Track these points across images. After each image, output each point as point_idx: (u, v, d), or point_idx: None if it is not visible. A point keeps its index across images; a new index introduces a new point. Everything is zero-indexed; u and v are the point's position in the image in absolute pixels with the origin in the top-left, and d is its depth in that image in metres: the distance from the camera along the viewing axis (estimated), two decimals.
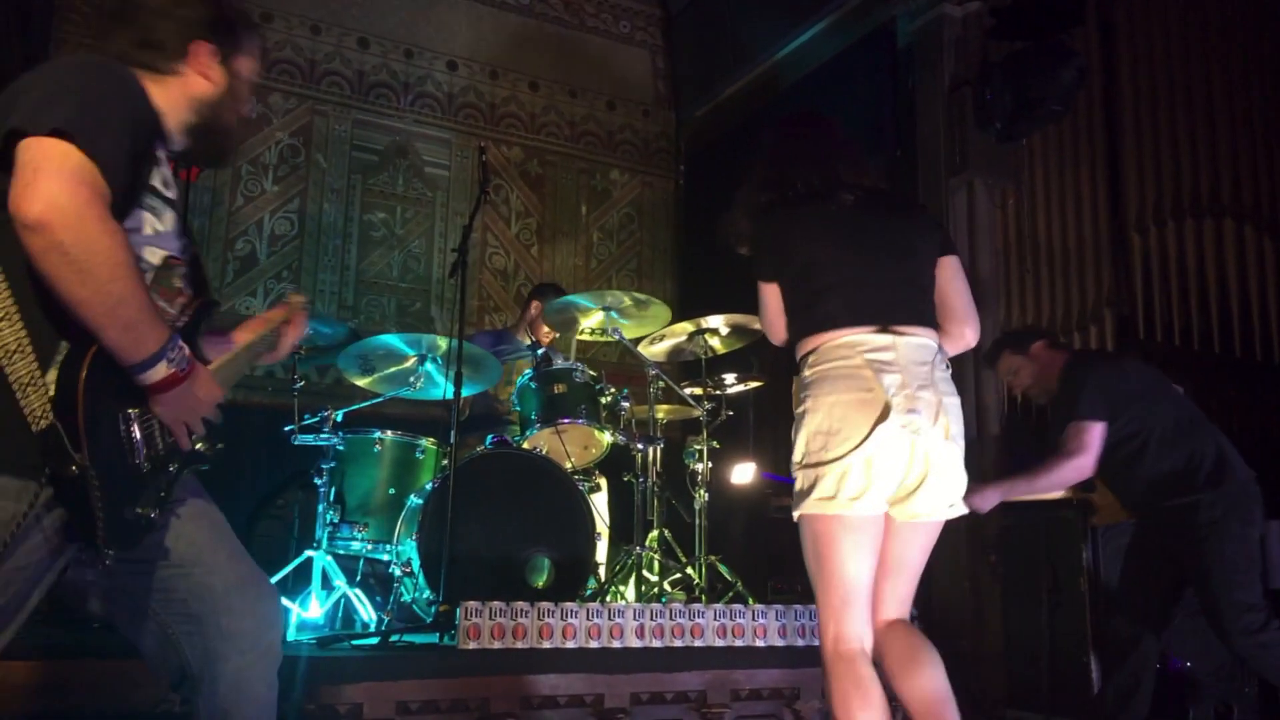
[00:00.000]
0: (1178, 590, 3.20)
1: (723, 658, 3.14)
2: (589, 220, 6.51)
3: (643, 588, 3.75)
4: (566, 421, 3.86)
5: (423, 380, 3.93)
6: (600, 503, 4.22)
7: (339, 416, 3.81)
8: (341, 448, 3.82)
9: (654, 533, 3.97)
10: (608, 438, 4.00)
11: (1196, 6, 4.35)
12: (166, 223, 1.59)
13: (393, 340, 3.90)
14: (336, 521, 3.75)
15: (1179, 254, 4.18)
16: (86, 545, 1.44)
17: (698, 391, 4.09)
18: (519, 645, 2.90)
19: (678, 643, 3.12)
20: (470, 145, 6.10)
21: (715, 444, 4.05)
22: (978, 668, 3.82)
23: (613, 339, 4.02)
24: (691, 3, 6.74)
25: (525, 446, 3.82)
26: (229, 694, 1.63)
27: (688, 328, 4.03)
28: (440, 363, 3.93)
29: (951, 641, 3.84)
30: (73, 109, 1.35)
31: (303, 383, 3.89)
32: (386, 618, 3.51)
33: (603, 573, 3.87)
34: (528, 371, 4.02)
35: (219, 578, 1.66)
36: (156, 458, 1.53)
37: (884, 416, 2.01)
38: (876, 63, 5.03)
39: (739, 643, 3.20)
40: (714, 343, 4.08)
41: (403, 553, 3.55)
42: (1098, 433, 3.10)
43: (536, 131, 6.43)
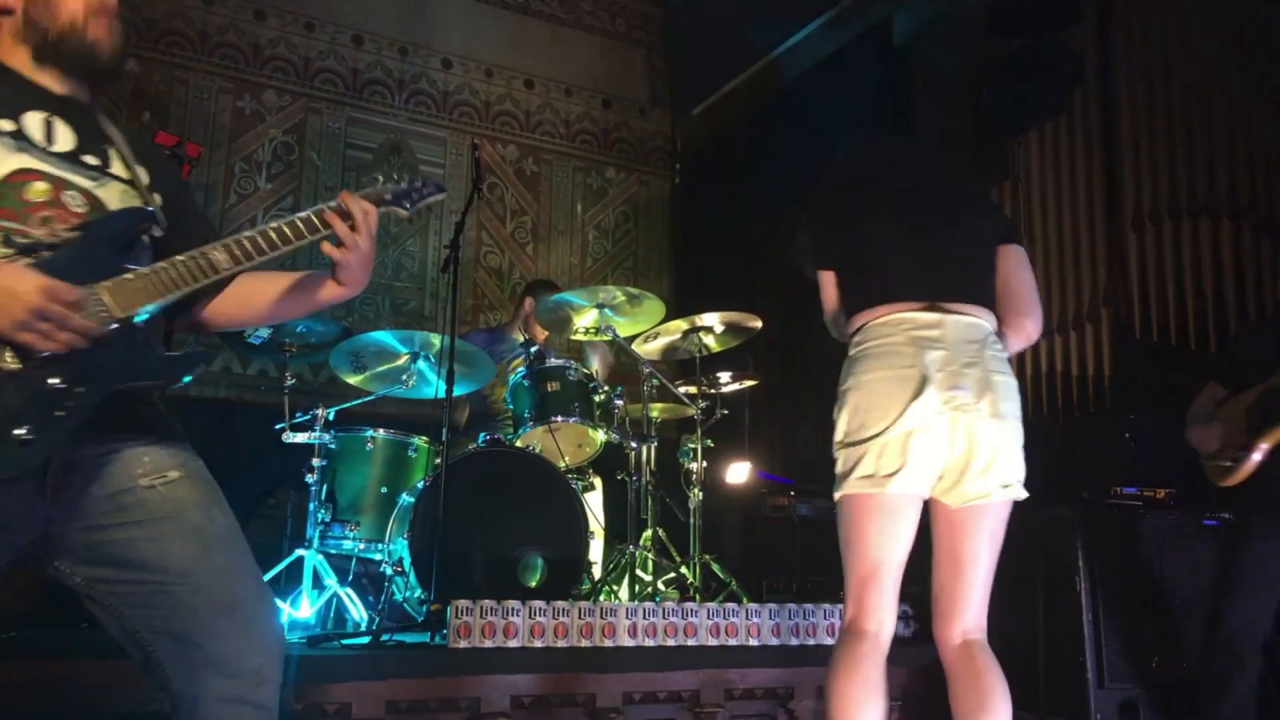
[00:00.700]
0: None
1: (716, 657, 3.12)
2: (585, 219, 6.49)
3: (637, 587, 3.72)
4: (560, 420, 3.84)
5: (415, 378, 3.91)
6: (594, 501, 4.20)
7: (331, 415, 3.79)
8: (333, 446, 3.80)
9: (648, 532, 3.95)
10: (601, 436, 3.98)
11: (1194, 6, 4.34)
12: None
13: (385, 337, 3.87)
14: (328, 520, 3.73)
15: (1176, 253, 4.15)
16: None
17: (692, 390, 4.07)
18: (510, 644, 2.88)
19: (671, 642, 3.10)
20: (465, 143, 6.07)
21: (710, 443, 4.03)
22: None
23: (607, 337, 4.00)
24: (688, 1, 6.72)
25: (519, 445, 3.80)
26: (209, 719, 1.54)
27: (682, 325, 4.02)
28: (433, 360, 3.91)
29: None
30: None
31: (294, 381, 3.87)
32: (378, 617, 3.49)
33: (596, 572, 3.86)
34: (521, 369, 4.00)
35: (203, 597, 1.56)
36: (3, 378, 1.43)
37: (920, 391, 1.96)
38: (873, 62, 5.02)
39: (733, 642, 3.18)
40: (709, 341, 4.06)
41: (394, 551, 3.53)
42: None
43: (532, 130, 6.41)
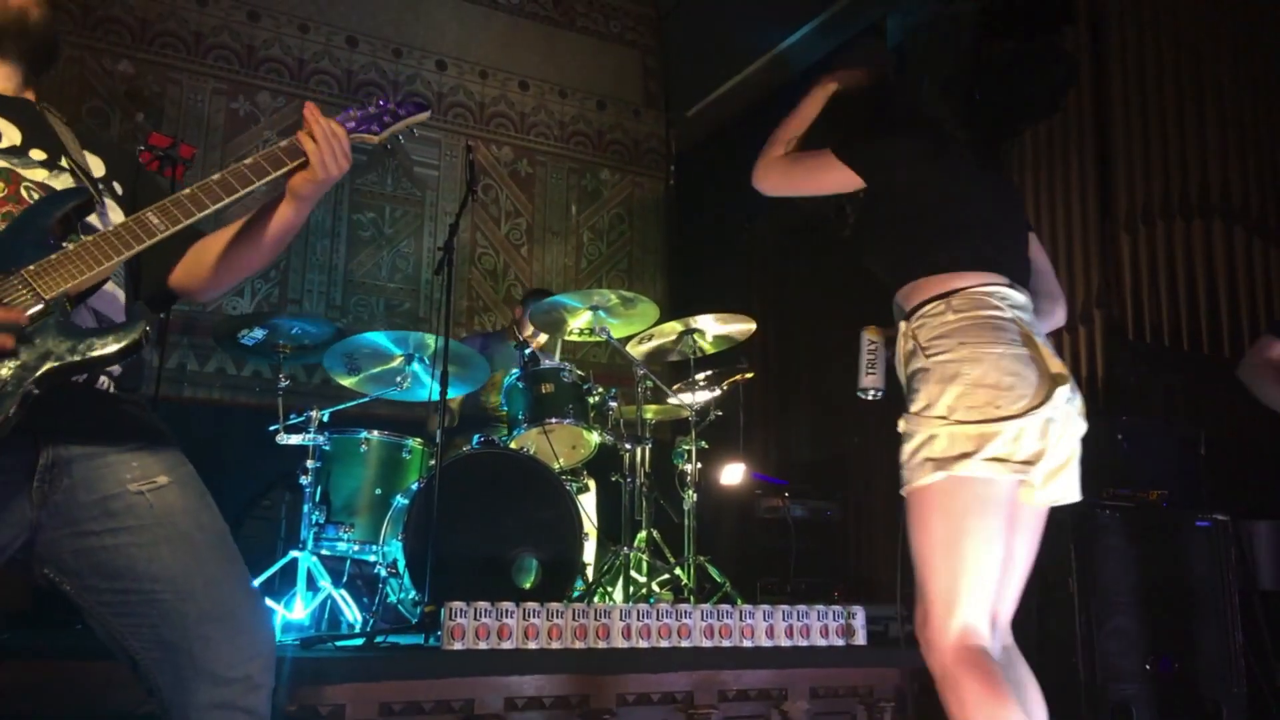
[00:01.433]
0: None
1: (710, 658, 3.11)
2: (579, 220, 6.49)
3: (631, 588, 3.72)
4: (554, 421, 3.84)
5: (409, 380, 3.91)
6: (588, 503, 4.20)
7: (325, 416, 3.79)
8: (327, 448, 3.80)
9: (642, 533, 3.95)
10: (596, 438, 3.98)
11: (1187, 7, 4.35)
12: None
13: (379, 339, 3.87)
14: (322, 522, 3.73)
15: (1168, 254, 4.17)
16: None
17: (686, 394, 4.07)
18: (504, 646, 2.88)
19: (665, 643, 3.10)
20: (459, 145, 6.07)
21: (704, 444, 4.03)
22: None
23: (601, 339, 4.00)
24: (682, 2, 6.73)
25: (513, 446, 3.80)
26: None
27: (677, 328, 4.02)
28: (427, 362, 3.90)
29: None
30: None
31: (288, 382, 3.87)
32: (372, 618, 3.48)
33: (591, 573, 3.86)
34: (515, 371, 4.01)
35: (193, 605, 1.54)
36: None
37: (1061, 379, 1.82)
38: (868, 63, 5.01)
39: (726, 643, 3.17)
40: (703, 343, 4.06)
41: (388, 553, 3.53)
42: None
43: (526, 131, 6.40)
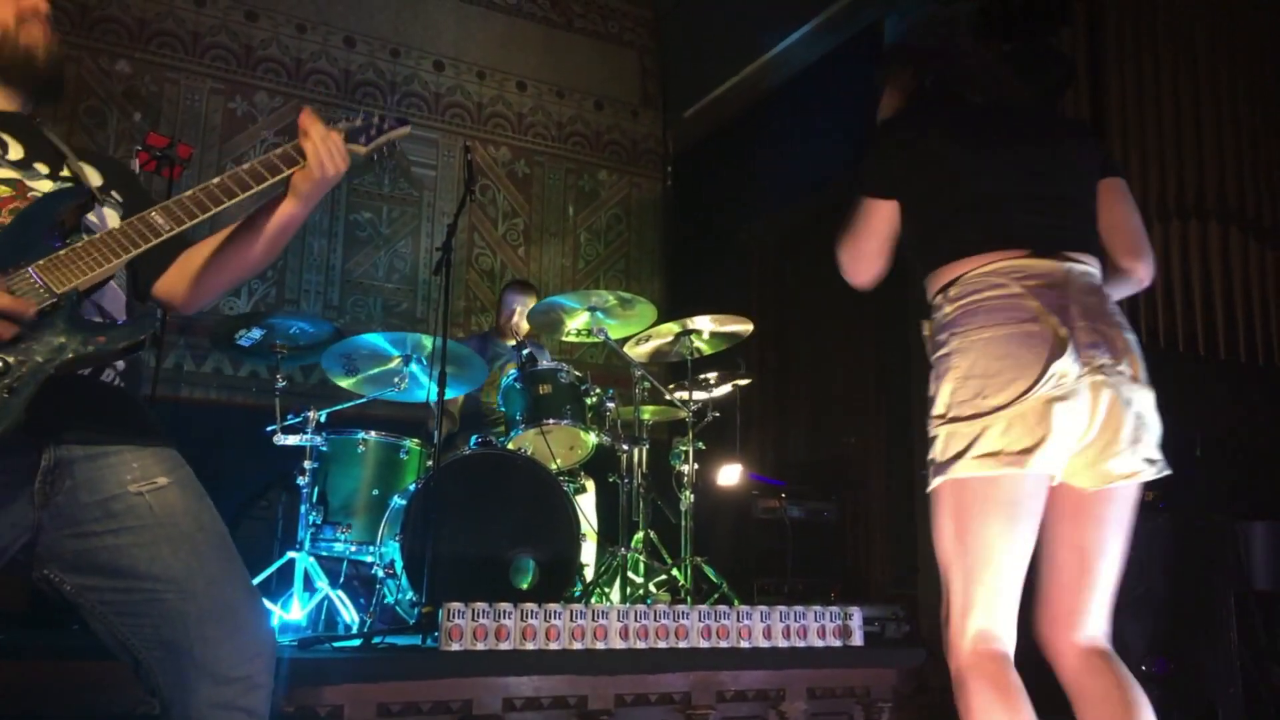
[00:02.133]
0: None
1: (708, 659, 3.12)
2: (576, 221, 6.49)
3: (628, 589, 3.73)
4: (552, 422, 3.84)
5: (407, 381, 3.91)
6: (586, 504, 4.20)
7: (322, 417, 3.78)
8: (325, 448, 3.80)
9: (639, 534, 3.95)
10: (593, 439, 3.99)
11: (1185, 9, 4.36)
12: None
13: (377, 340, 3.87)
14: (319, 523, 3.73)
15: (1165, 256, 4.17)
16: None
17: (683, 395, 4.08)
18: (502, 646, 2.88)
19: (662, 644, 3.10)
20: (457, 145, 6.07)
21: (701, 445, 4.04)
22: None
23: (598, 339, 4.00)
24: (679, 3, 6.73)
25: (510, 447, 3.80)
26: None
27: (674, 328, 4.02)
28: (425, 363, 3.90)
29: (937, 644, 3.83)
30: None
31: (285, 383, 3.87)
32: (369, 619, 3.48)
33: (588, 574, 3.86)
34: (513, 371, 4.01)
35: (194, 604, 1.56)
36: None
37: (1059, 351, 1.65)
38: (865, 64, 5.01)
39: (724, 644, 3.18)
40: (700, 344, 4.07)
41: (386, 554, 3.53)
42: None
43: (524, 132, 6.40)
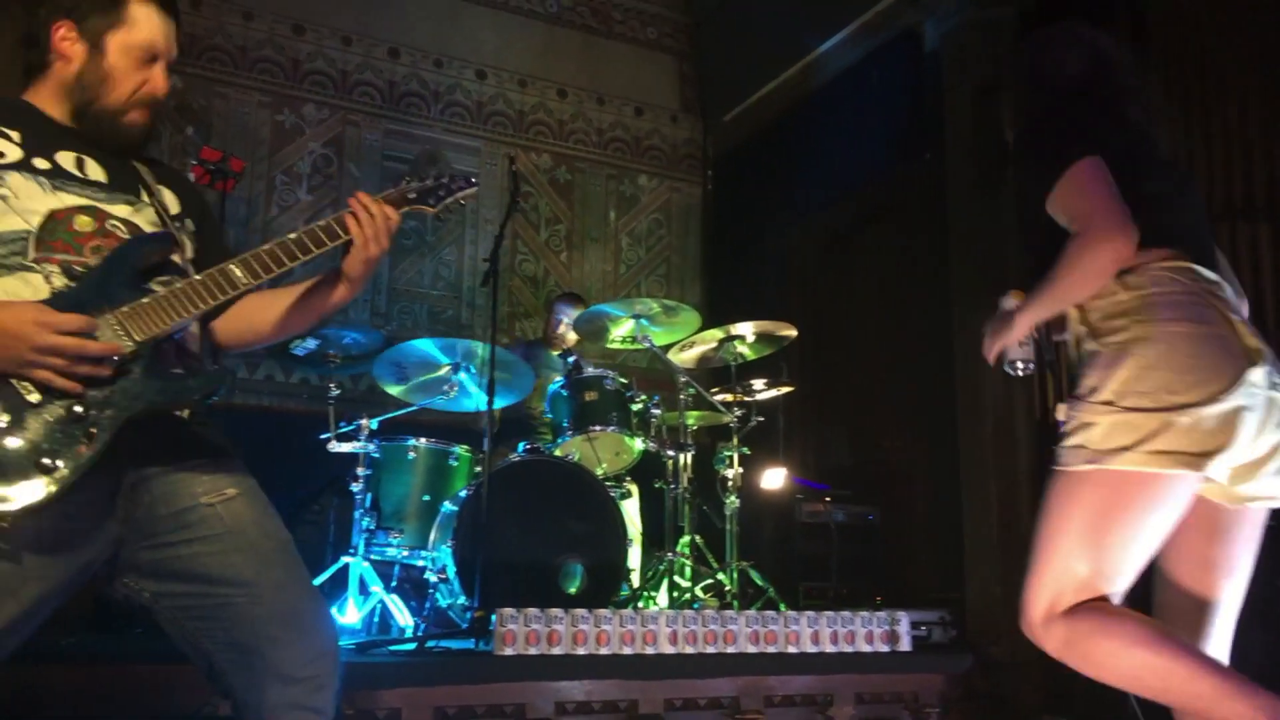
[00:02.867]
0: None
1: (756, 664, 3.15)
2: (617, 226, 6.54)
3: (675, 594, 3.77)
4: (598, 429, 3.89)
5: (456, 389, 3.97)
6: (632, 509, 4.25)
7: (374, 424, 3.86)
8: (377, 455, 3.88)
9: (685, 539, 3.99)
10: (638, 444, 4.03)
11: (1229, 6, 4.31)
12: (28, 192, 1.60)
13: (427, 346, 3.94)
14: (373, 528, 3.80)
15: None
16: None
17: (728, 398, 4.11)
18: (554, 651, 2.93)
19: (710, 649, 3.14)
20: (499, 153, 6.15)
21: (745, 450, 4.07)
22: (1012, 674, 3.80)
23: (643, 346, 4.04)
24: (718, 8, 6.76)
25: (557, 454, 3.86)
26: None
27: (717, 334, 4.05)
28: (474, 371, 3.97)
29: (985, 647, 3.83)
30: None
31: (339, 391, 3.96)
32: (422, 623, 3.55)
33: (635, 579, 3.90)
34: (559, 379, 4.06)
35: (263, 608, 1.62)
36: (24, 409, 1.47)
37: (1253, 360, 1.60)
38: (904, 67, 5.02)
39: (772, 649, 3.21)
40: (743, 349, 4.10)
41: (438, 559, 3.59)
42: None
43: (565, 138, 6.46)
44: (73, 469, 1.47)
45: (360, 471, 3.80)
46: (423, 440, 3.98)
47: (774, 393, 4.21)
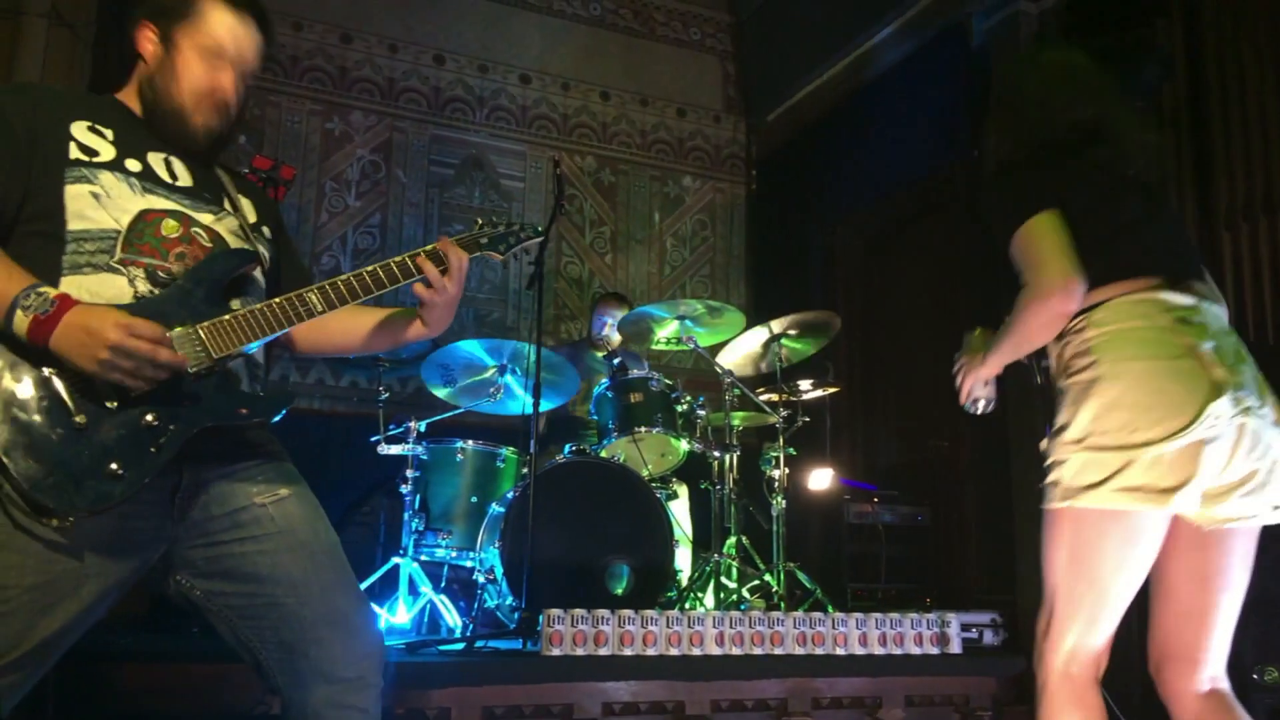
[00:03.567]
0: None
1: (803, 666, 3.13)
2: (662, 227, 6.54)
3: (721, 595, 3.76)
4: (643, 430, 3.89)
5: (502, 392, 4.01)
6: (678, 510, 4.24)
7: (422, 427, 3.91)
8: (425, 457, 3.92)
9: (732, 539, 3.98)
10: (684, 445, 4.03)
11: None
12: (119, 191, 1.64)
13: (474, 347, 3.98)
14: (421, 529, 3.85)
15: (1273, 249, 4.03)
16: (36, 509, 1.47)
17: (773, 398, 4.09)
18: (601, 652, 2.94)
19: (758, 650, 3.13)
20: (544, 156, 6.18)
21: (792, 450, 4.05)
22: None
23: (688, 347, 4.04)
24: (760, 7, 6.73)
25: (603, 455, 3.87)
26: None
27: (762, 334, 4.04)
28: (520, 374, 4.00)
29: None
30: None
31: (387, 394, 4.01)
32: (471, 623, 3.58)
33: (682, 580, 3.90)
34: (605, 380, 4.07)
35: (310, 608, 1.66)
36: (102, 414, 1.52)
37: (1215, 393, 1.63)
38: (950, 63, 4.97)
39: (819, 651, 3.19)
40: (789, 345, 4.08)
41: (485, 560, 3.62)
42: None
43: (608, 140, 6.48)
44: (139, 476, 1.53)
45: (409, 473, 3.85)
46: (470, 442, 4.02)
47: (820, 393, 4.19)
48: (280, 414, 1.70)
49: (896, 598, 4.27)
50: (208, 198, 1.77)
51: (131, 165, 1.68)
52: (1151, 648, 1.83)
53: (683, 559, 4.02)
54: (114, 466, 1.50)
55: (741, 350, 4.15)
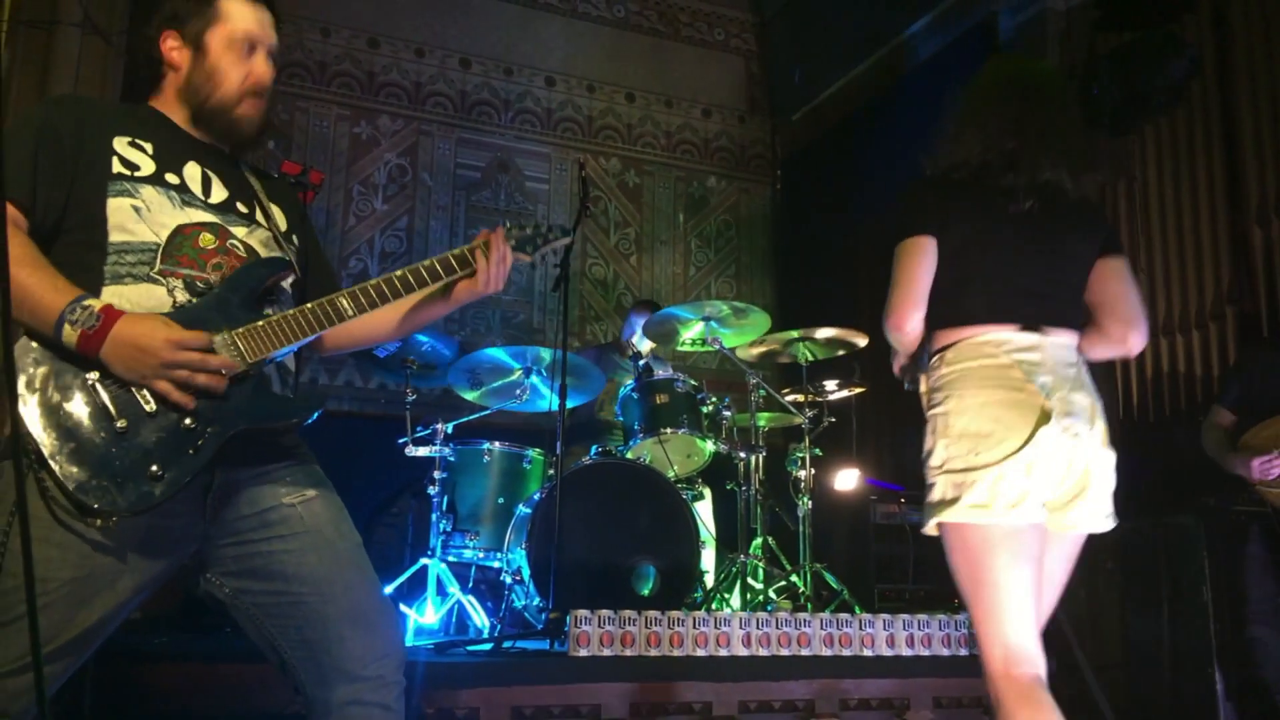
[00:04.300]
0: None
1: (830, 667, 3.13)
2: (686, 228, 6.55)
3: (748, 595, 3.76)
4: (669, 431, 3.90)
5: (528, 393, 4.03)
6: (704, 511, 4.25)
7: (449, 428, 3.94)
8: (452, 458, 3.95)
9: (758, 540, 3.98)
10: (710, 446, 4.03)
11: None
12: (160, 205, 1.69)
13: (499, 354, 4.01)
14: (449, 530, 3.87)
15: None
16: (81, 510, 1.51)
17: (799, 398, 4.09)
18: (628, 653, 2.95)
19: (785, 651, 3.13)
20: (569, 158, 6.21)
21: (818, 451, 4.04)
22: (1096, 678, 3.72)
23: (713, 348, 4.04)
24: (785, 7, 6.72)
25: (629, 456, 3.88)
26: (338, 719, 1.67)
27: (787, 335, 4.03)
28: (545, 375, 4.02)
29: (1066, 651, 3.74)
30: None
31: (414, 396, 4.04)
32: (499, 624, 3.61)
33: (708, 581, 3.90)
34: (630, 382, 4.09)
35: (333, 607, 1.69)
36: (142, 417, 1.56)
37: (1044, 419, 1.88)
38: (978, 60, 4.93)
39: (847, 652, 3.18)
40: (814, 349, 4.07)
41: (513, 561, 3.64)
42: None
43: (633, 142, 6.50)
44: (178, 478, 1.57)
45: (436, 475, 3.88)
46: (496, 444, 4.04)
47: (846, 393, 4.18)
48: (313, 417, 1.74)
49: (924, 599, 4.25)
50: (241, 211, 1.81)
51: (170, 179, 1.73)
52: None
53: (709, 560, 4.02)
54: (154, 469, 1.55)
55: (766, 348, 4.14)
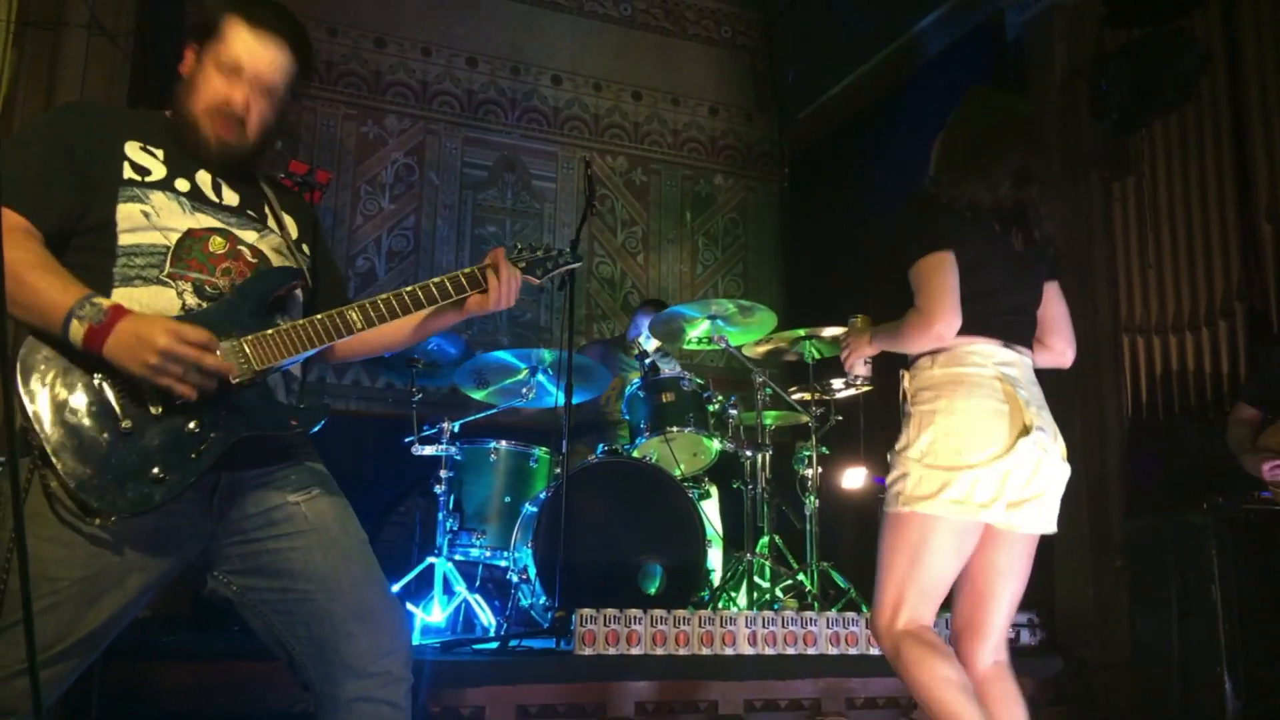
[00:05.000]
0: None
1: (837, 666, 3.13)
2: (693, 226, 6.54)
3: (754, 594, 3.76)
4: (675, 430, 3.90)
5: (534, 391, 4.04)
6: (710, 510, 4.25)
7: (456, 427, 3.94)
8: (459, 457, 3.95)
9: (764, 539, 3.98)
10: (716, 445, 4.03)
11: None
12: (169, 210, 1.70)
13: (505, 356, 4.01)
14: (456, 529, 3.88)
15: None
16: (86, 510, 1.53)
17: (806, 397, 4.08)
18: (633, 651, 2.96)
19: (791, 650, 3.13)
20: (576, 157, 6.21)
21: (824, 449, 4.03)
22: (1103, 677, 3.71)
23: (719, 347, 4.04)
24: (791, 4, 6.71)
25: (635, 455, 3.88)
26: (346, 716, 1.69)
27: (795, 334, 4.02)
28: (550, 372, 4.03)
29: (1076, 650, 3.74)
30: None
31: (420, 395, 4.05)
32: (505, 622, 3.61)
33: (714, 580, 3.90)
34: (636, 380, 4.09)
35: (340, 604, 1.71)
36: (147, 420, 1.58)
37: (1024, 432, 2.05)
38: (985, 57, 4.93)
39: (853, 651, 3.18)
40: (821, 347, 4.06)
41: (519, 559, 3.65)
42: None
43: (640, 140, 6.50)
44: (180, 480, 1.59)
45: (443, 474, 3.88)
46: (503, 443, 4.05)
47: (853, 391, 4.17)
48: (317, 427, 1.76)
49: None
50: (252, 216, 1.83)
51: (181, 185, 1.74)
52: (953, 621, 2.21)
53: (715, 559, 4.02)
54: (156, 470, 1.56)
55: (772, 346, 4.14)
